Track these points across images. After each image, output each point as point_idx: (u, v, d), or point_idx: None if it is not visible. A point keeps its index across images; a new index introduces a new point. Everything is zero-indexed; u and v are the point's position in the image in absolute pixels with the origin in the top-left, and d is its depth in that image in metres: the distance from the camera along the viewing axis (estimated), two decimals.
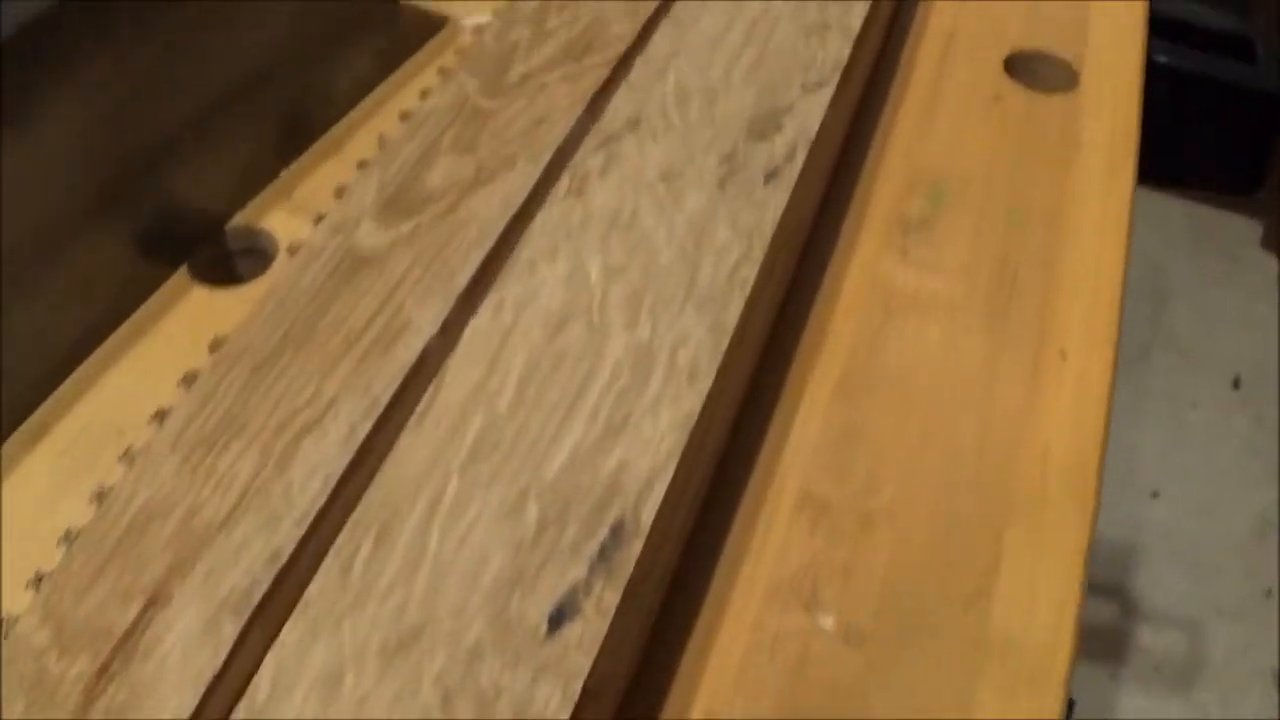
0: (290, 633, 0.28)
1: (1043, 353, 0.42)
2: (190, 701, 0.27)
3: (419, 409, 0.32)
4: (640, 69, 0.42)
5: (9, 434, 0.38)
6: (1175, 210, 1.66)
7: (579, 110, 0.44)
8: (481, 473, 0.30)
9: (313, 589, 0.28)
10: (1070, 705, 1.05)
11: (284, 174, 0.46)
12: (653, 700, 0.32)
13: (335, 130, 0.47)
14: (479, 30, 0.52)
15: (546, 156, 0.42)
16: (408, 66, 0.50)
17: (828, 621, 0.34)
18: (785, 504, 0.37)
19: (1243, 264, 1.62)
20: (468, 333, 0.34)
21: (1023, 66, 0.53)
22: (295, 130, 0.46)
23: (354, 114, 0.48)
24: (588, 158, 0.39)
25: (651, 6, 0.48)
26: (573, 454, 0.30)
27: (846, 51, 0.42)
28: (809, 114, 0.39)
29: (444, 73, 0.50)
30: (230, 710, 0.27)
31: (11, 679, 0.28)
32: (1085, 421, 0.40)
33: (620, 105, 0.41)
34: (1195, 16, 0.69)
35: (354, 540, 0.30)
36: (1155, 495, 1.42)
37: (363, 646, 0.27)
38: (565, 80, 0.45)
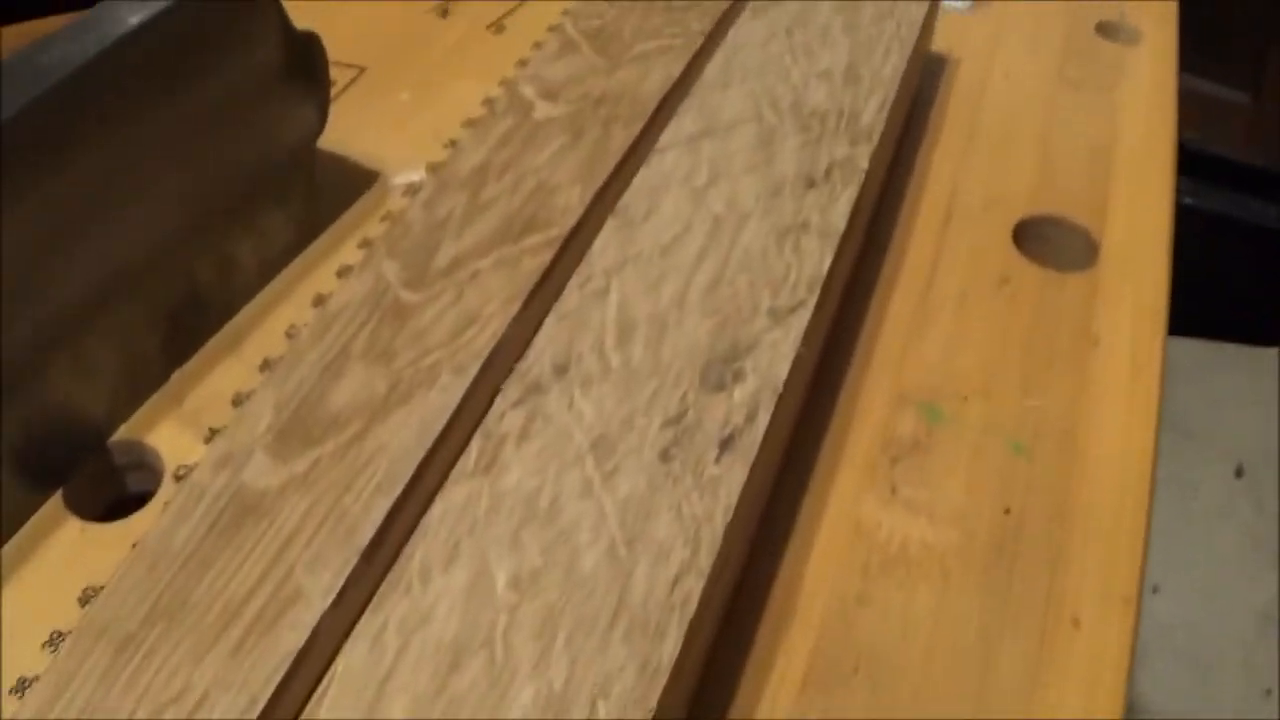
0: None
1: (1051, 620, 0.35)
2: None
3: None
4: (575, 292, 0.36)
5: None
6: None
7: (515, 308, 0.38)
8: None
9: None
10: None
11: (176, 375, 0.39)
12: None
13: (239, 318, 0.41)
14: (410, 191, 0.45)
15: (473, 370, 0.36)
16: (327, 236, 0.44)
17: None
18: None
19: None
20: (341, 671, 0.27)
21: (1035, 234, 0.47)
22: (191, 322, 0.40)
23: (262, 296, 0.42)
24: (505, 414, 0.32)
25: (604, 172, 0.42)
26: None
27: (827, 262, 0.35)
28: (777, 353, 0.32)
29: (366, 245, 0.44)
30: None
31: None
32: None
33: (550, 339, 0.34)
34: (1222, 151, 0.62)
35: None
36: (1156, 590, 1.37)
37: None
38: (500, 267, 0.39)
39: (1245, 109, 1.56)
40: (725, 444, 0.30)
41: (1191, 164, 0.60)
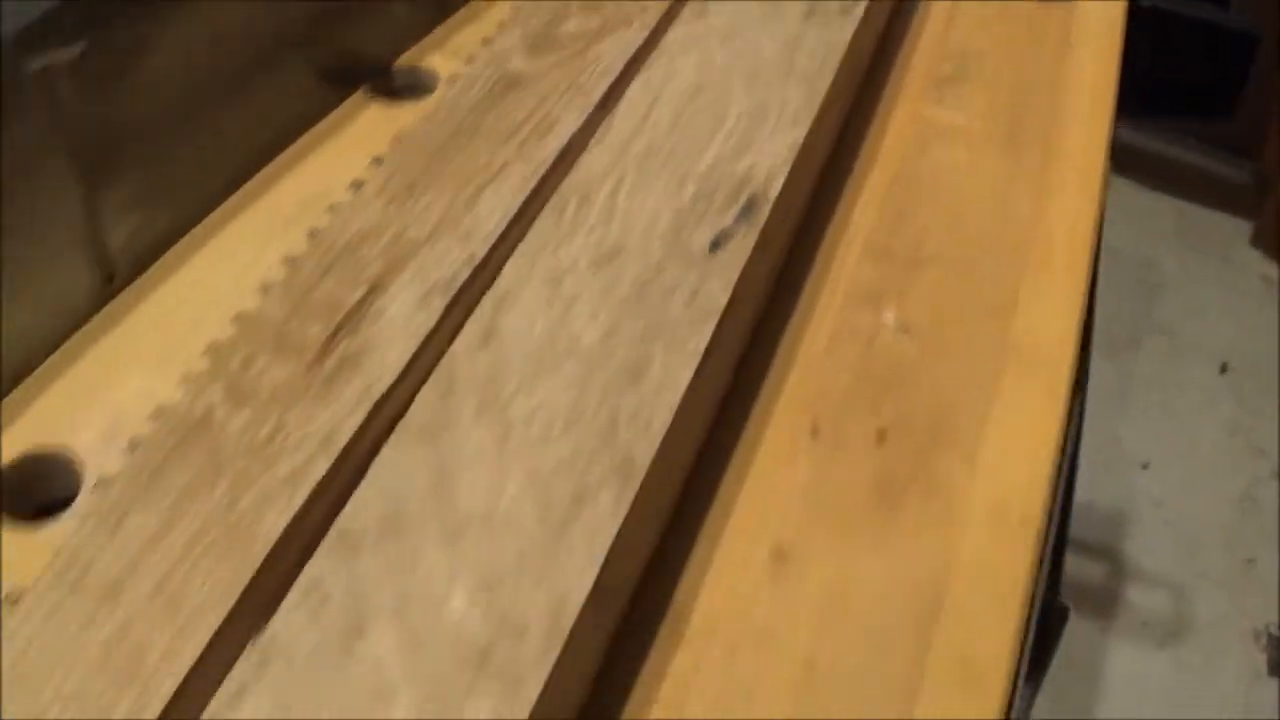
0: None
1: (1048, 167, 0.54)
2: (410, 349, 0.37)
3: (598, 135, 0.44)
4: None
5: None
6: (1165, 209, 1.75)
7: None
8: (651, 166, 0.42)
9: (532, 231, 0.40)
10: (1064, 613, 1.10)
11: (438, 30, 0.57)
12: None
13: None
14: None
15: (653, 21, 0.53)
16: None
17: (889, 317, 0.45)
18: (853, 252, 0.48)
19: (1232, 262, 1.69)
20: (625, 98, 0.45)
21: None
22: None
23: None
24: None
25: None
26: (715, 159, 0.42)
27: None
28: None
29: None
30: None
31: (253, 342, 0.37)
32: (1080, 212, 0.52)
33: None
34: None
35: (562, 202, 0.41)
36: (1145, 466, 1.48)
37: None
38: None
39: None
40: None
41: None
